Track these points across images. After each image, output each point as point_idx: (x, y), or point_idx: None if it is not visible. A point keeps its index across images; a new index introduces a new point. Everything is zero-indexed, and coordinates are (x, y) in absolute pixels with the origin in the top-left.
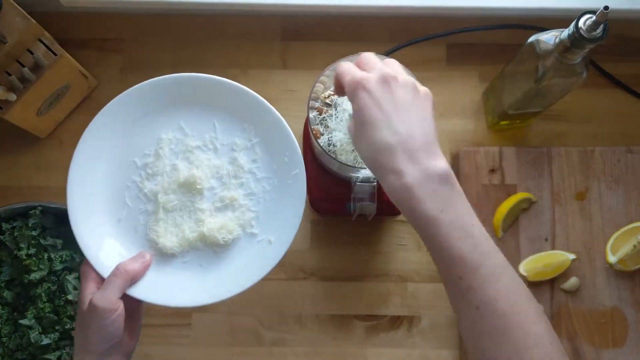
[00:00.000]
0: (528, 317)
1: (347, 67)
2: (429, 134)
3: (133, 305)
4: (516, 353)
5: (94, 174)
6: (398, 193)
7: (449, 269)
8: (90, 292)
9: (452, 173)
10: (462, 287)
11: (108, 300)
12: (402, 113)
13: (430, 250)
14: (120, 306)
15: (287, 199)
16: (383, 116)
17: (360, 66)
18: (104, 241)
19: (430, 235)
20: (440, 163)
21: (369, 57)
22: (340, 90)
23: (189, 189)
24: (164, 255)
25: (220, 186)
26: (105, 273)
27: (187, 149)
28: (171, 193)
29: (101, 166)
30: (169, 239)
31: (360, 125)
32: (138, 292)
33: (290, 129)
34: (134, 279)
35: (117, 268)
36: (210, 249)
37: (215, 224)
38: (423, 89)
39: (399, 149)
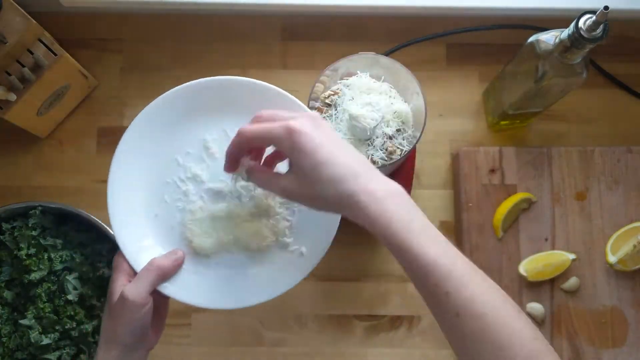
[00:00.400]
0: (507, 314)
1: (266, 122)
2: (357, 160)
3: (161, 302)
4: (500, 350)
5: (135, 169)
6: (372, 212)
7: (425, 279)
8: (122, 284)
9: (402, 189)
10: (439, 295)
11: (139, 294)
12: (339, 145)
13: (405, 264)
14: (150, 301)
15: (323, 212)
16: (329, 154)
17: (263, 121)
18: (139, 235)
19: (405, 247)
20: (387, 182)
21: (269, 112)
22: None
23: (225, 194)
24: (196, 255)
25: (257, 193)
26: (138, 267)
27: None
28: (207, 197)
29: (143, 162)
30: (203, 240)
31: (310, 169)
32: (168, 289)
33: None
34: (165, 276)
35: (150, 263)
36: (243, 253)
37: (249, 229)
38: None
39: (357, 174)
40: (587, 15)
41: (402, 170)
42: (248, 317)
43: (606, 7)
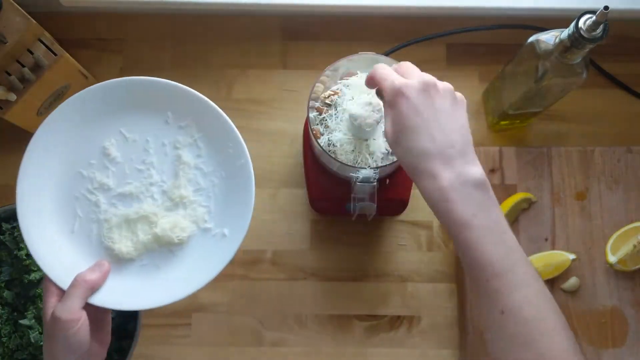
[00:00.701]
0: (553, 327)
1: (386, 73)
2: (465, 141)
3: (100, 317)
4: (538, 357)
5: (42, 190)
6: (433, 196)
7: (478, 272)
8: (52, 306)
9: (487, 180)
10: (489, 290)
11: (69, 310)
12: (441, 120)
13: (461, 252)
14: (83, 316)
15: (237, 189)
16: (423, 123)
17: (399, 73)
18: (60, 254)
19: (462, 239)
20: (476, 169)
21: (408, 65)
22: (377, 91)
23: (136, 195)
24: (121, 261)
25: (168, 186)
26: (65, 285)
27: (129, 154)
28: (119, 202)
29: (48, 181)
30: (124, 244)
31: (399, 130)
32: (98, 299)
33: (230, 121)
34: (94, 288)
35: (75, 279)
36: (166, 248)
37: (167, 223)
38: (459, 95)
39: (436, 154)
40: (587, 15)
41: (402, 170)
42: (248, 317)
43: (606, 7)
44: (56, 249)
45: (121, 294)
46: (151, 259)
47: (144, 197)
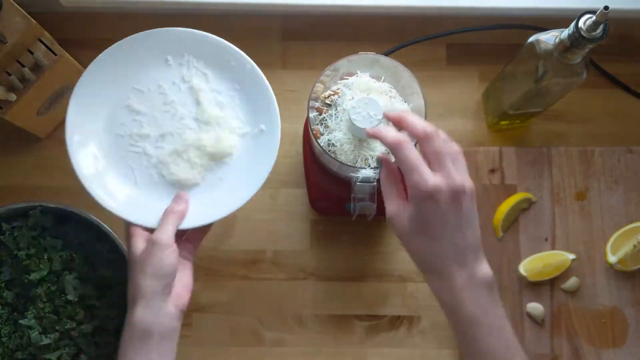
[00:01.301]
0: None
1: (416, 163)
2: (478, 239)
3: (183, 255)
4: None
5: (96, 164)
6: (444, 293)
7: None
8: (140, 245)
9: (494, 279)
10: None
11: (166, 233)
12: (463, 225)
13: (465, 344)
14: (175, 245)
15: (254, 91)
16: (447, 232)
17: (431, 152)
18: (136, 204)
19: (471, 334)
20: (486, 269)
21: (438, 144)
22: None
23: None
24: (189, 187)
25: (196, 113)
26: (150, 226)
27: (151, 102)
28: (163, 143)
29: (98, 155)
30: (186, 173)
31: (419, 230)
32: (188, 223)
33: (221, 39)
34: (182, 216)
35: (165, 212)
36: (220, 162)
37: (212, 139)
38: (474, 190)
39: (453, 258)
40: (587, 15)
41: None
42: (248, 317)
43: (606, 7)
44: (132, 203)
45: (201, 213)
46: (213, 175)
47: (181, 130)
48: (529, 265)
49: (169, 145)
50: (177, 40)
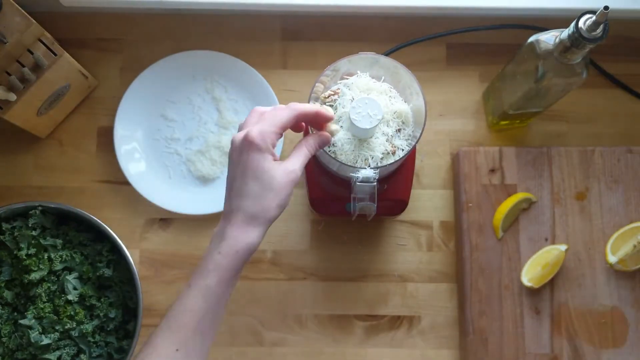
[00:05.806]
0: None
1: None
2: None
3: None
4: None
5: (138, 165)
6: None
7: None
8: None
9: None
10: None
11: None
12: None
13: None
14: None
15: (260, 100)
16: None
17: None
18: (170, 195)
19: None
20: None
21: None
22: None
23: (200, 135)
24: (211, 180)
25: (217, 119)
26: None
27: (181, 111)
28: (190, 144)
29: (140, 157)
30: (208, 168)
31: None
32: (209, 209)
33: (233, 57)
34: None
35: (303, 142)
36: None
37: (228, 140)
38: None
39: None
40: (587, 15)
41: (402, 170)
42: (248, 317)
43: (606, 7)
44: (175, 195)
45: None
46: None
47: (205, 133)
48: (530, 273)
49: (195, 146)
50: (203, 59)
